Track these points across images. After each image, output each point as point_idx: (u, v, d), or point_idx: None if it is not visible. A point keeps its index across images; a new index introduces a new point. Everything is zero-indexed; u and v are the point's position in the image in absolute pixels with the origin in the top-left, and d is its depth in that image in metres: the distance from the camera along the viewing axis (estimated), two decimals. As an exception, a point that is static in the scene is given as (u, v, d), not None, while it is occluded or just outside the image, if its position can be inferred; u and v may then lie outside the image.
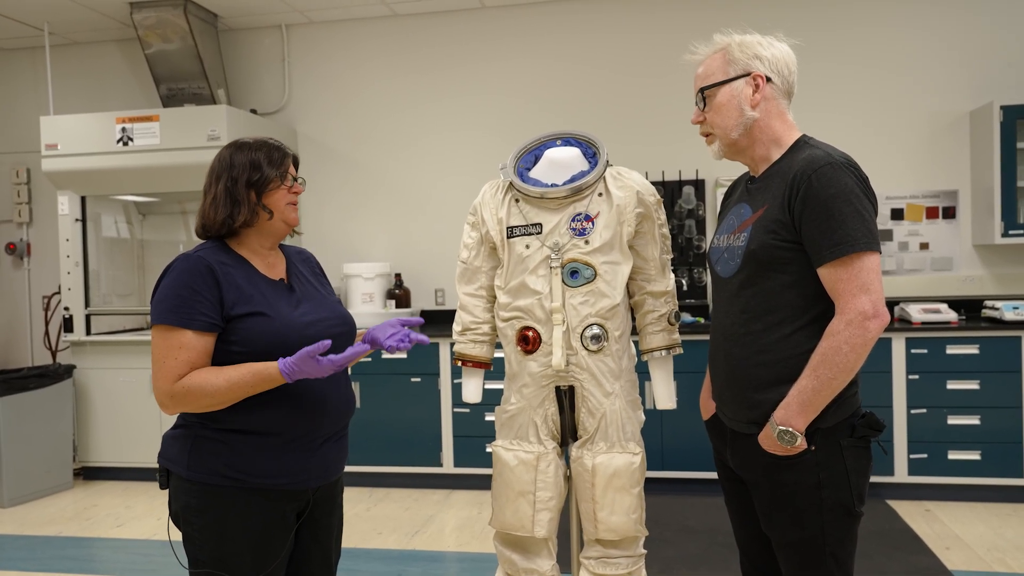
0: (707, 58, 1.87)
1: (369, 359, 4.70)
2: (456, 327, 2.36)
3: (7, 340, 5.89)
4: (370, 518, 4.25)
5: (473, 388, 2.36)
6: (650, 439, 4.40)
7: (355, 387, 4.72)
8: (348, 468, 4.76)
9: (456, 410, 4.63)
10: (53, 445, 4.89)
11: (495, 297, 2.30)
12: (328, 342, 1.67)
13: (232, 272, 1.78)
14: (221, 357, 1.74)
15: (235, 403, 1.72)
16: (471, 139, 5.21)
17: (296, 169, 1.96)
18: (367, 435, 4.72)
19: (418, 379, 4.67)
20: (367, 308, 4.98)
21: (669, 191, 4.97)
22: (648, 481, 4.46)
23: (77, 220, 5.05)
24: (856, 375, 1.72)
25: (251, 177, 1.82)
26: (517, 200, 2.25)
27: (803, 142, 1.80)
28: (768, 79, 1.80)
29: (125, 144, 4.77)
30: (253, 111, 5.25)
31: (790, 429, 1.68)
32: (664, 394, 2.31)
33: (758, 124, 1.81)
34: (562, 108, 5.11)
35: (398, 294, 5.13)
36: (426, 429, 4.67)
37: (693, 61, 1.91)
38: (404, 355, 4.68)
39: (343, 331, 1.93)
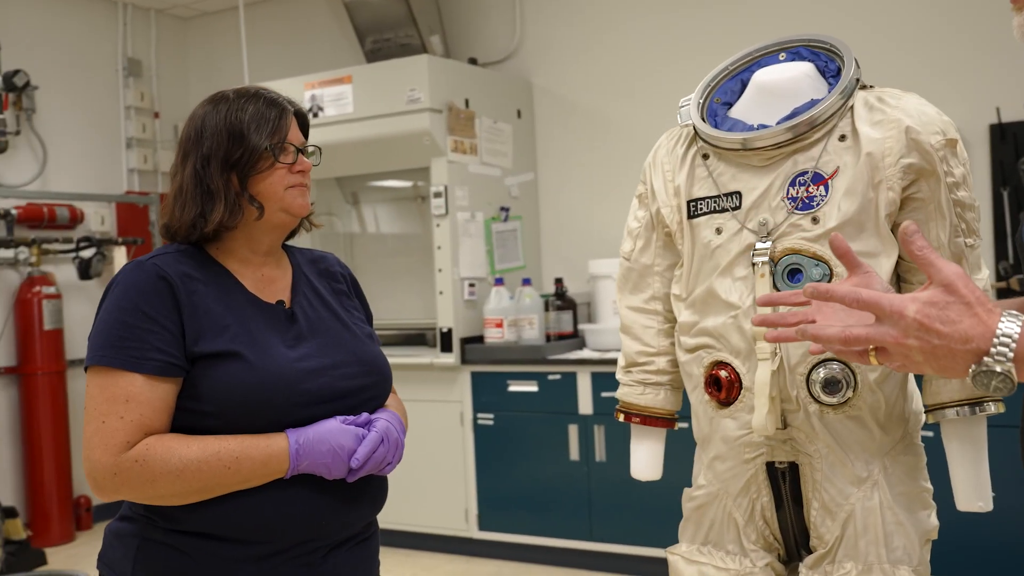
0: None
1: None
2: (620, 361, 2.01)
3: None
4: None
5: (644, 457, 2.02)
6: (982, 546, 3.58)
7: (469, 427, 4.47)
8: (473, 534, 4.69)
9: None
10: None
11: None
12: (374, 434, 1.58)
13: (200, 289, 1.61)
14: (176, 421, 1.57)
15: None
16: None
17: (306, 132, 1.75)
18: (497, 492, 4.63)
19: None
20: (619, 322, 4.71)
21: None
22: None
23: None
24: None
25: (230, 154, 1.63)
26: (706, 156, 1.87)
27: None
28: None
29: (315, 115, 4.94)
30: (472, 60, 5.22)
31: (1003, 368, 1.14)
32: (968, 485, 1.76)
33: None
34: (897, 19, 4.40)
35: (662, 302, 4.77)
36: (571, 488, 4.42)
37: None
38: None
39: (367, 383, 1.71)
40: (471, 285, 4.78)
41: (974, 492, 1.75)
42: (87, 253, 5.41)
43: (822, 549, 1.76)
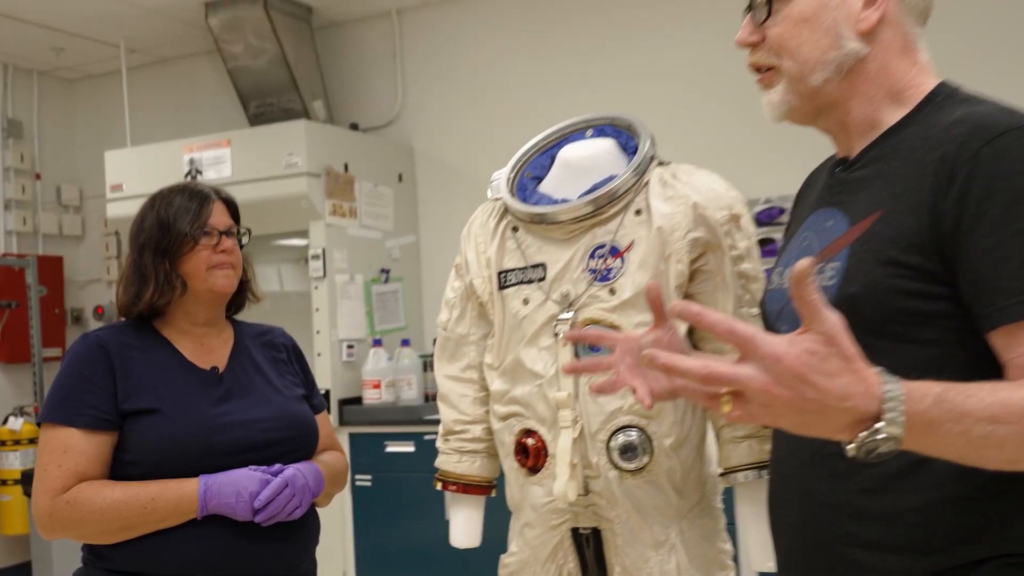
0: None
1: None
2: (439, 430, 2.05)
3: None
4: None
5: (463, 524, 2.07)
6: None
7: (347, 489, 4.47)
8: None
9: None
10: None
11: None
12: (278, 480, 1.74)
13: (136, 356, 1.84)
14: (112, 472, 1.80)
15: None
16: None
17: (236, 216, 1.98)
18: (375, 554, 4.59)
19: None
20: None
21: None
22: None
23: (150, 276, 5.29)
24: None
25: (160, 241, 1.87)
26: (515, 229, 1.92)
27: (948, 94, 1.38)
28: None
29: (194, 178, 4.92)
30: (354, 126, 5.25)
31: (896, 432, 1.04)
32: (758, 545, 1.83)
33: (865, 65, 1.40)
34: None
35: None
36: (448, 549, 4.38)
37: None
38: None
39: (285, 437, 1.88)
40: (350, 347, 4.77)
41: (764, 552, 1.81)
42: (-44, 317, 5.28)
43: (625, 613, 1.80)
